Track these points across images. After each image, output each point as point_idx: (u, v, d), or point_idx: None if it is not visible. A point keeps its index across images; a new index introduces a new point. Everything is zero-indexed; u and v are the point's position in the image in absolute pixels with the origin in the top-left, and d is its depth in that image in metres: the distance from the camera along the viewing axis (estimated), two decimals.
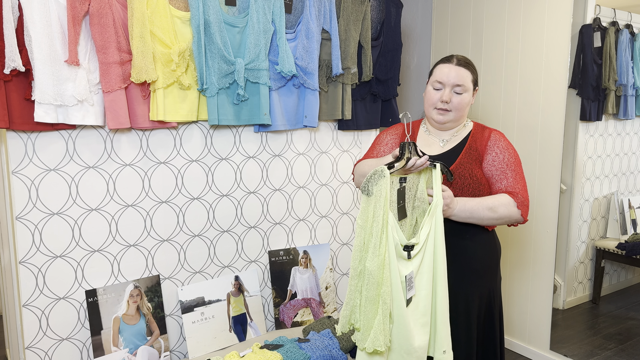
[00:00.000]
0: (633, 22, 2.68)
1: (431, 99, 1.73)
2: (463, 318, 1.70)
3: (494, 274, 1.78)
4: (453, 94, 1.69)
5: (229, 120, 2.17)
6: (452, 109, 1.70)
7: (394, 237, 1.47)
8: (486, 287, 1.75)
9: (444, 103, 1.69)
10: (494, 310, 1.78)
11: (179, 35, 2.02)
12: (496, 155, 1.70)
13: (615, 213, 2.83)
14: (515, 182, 1.68)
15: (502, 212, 1.63)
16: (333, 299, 2.56)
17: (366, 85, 2.55)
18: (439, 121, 1.74)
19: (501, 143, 1.72)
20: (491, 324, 1.78)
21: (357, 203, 2.70)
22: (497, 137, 1.74)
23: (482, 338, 1.77)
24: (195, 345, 2.14)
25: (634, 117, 2.75)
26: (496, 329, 1.79)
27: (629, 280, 3.00)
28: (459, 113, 1.72)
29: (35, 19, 1.71)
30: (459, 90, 1.68)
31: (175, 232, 2.18)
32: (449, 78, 1.68)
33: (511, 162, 1.70)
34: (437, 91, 1.71)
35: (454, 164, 1.70)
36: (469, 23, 3.07)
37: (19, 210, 1.85)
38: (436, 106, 1.72)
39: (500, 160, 1.70)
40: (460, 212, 1.62)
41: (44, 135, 1.86)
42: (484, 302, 1.75)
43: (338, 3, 2.39)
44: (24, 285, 1.88)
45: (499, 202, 1.64)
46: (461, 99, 1.69)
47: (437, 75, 1.71)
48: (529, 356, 2.84)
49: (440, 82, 1.69)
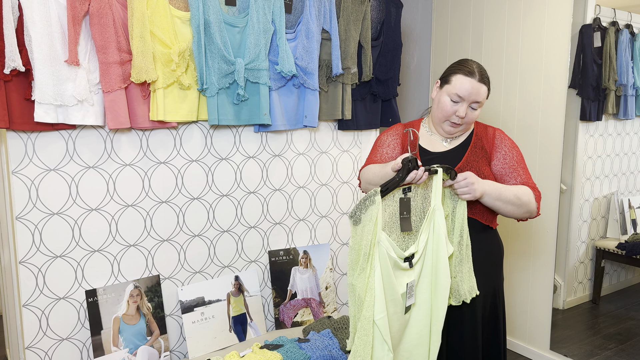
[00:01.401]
0: (633, 22, 2.68)
1: (446, 111, 1.68)
2: (468, 317, 1.70)
3: (498, 273, 1.79)
4: (469, 109, 1.67)
5: (229, 120, 2.17)
6: (464, 123, 1.70)
7: (390, 256, 1.44)
8: (491, 285, 1.75)
9: (460, 118, 1.68)
10: (498, 309, 1.78)
11: (179, 35, 2.02)
12: (506, 154, 1.73)
13: (615, 213, 2.83)
14: (527, 178, 1.71)
15: (524, 200, 1.64)
16: (333, 299, 2.56)
17: (366, 85, 2.55)
18: (449, 132, 1.73)
19: (507, 142, 1.75)
20: (496, 323, 1.78)
21: (356, 203, 2.70)
22: (502, 136, 1.77)
23: (487, 338, 1.77)
24: (195, 345, 2.14)
25: (634, 117, 2.75)
26: (500, 328, 1.79)
27: (629, 280, 3.00)
28: (469, 126, 1.75)
29: (35, 19, 1.71)
30: (475, 107, 1.68)
31: (175, 232, 2.18)
32: (471, 95, 1.64)
33: (520, 159, 1.74)
34: (454, 104, 1.67)
35: (461, 162, 1.70)
36: (469, 23, 3.07)
37: (19, 210, 1.85)
38: (451, 120, 1.69)
39: (511, 158, 1.72)
40: (490, 191, 1.59)
41: (44, 135, 1.86)
42: (488, 301, 1.75)
43: (338, 3, 2.39)
44: (24, 285, 1.87)
45: (521, 191, 1.65)
46: (475, 115, 1.70)
47: (457, 88, 1.65)
48: (529, 356, 2.84)
49: (460, 96, 1.65)
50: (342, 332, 2.18)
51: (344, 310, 2.72)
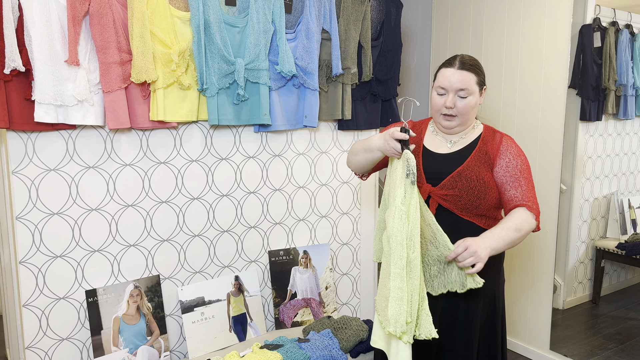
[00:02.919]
0: (633, 22, 2.68)
1: (436, 105, 1.70)
2: (462, 320, 1.70)
3: (496, 276, 1.77)
4: (457, 98, 1.65)
5: (229, 120, 2.17)
6: (457, 114, 1.67)
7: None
8: (490, 288, 1.73)
9: (449, 109, 1.67)
10: (496, 313, 1.76)
11: (179, 35, 2.02)
12: (509, 162, 1.67)
13: (615, 213, 2.83)
14: (528, 190, 1.66)
15: (526, 228, 1.63)
16: (333, 299, 2.56)
17: (366, 85, 2.55)
18: (445, 126, 1.72)
19: (513, 149, 1.69)
20: (492, 326, 1.77)
21: (357, 203, 2.70)
22: (510, 143, 1.71)
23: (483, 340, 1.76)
24: (195, 345, 2.14)
25: (633, 117, 2.74)
26: (497, 332, 1.77)
27: (629, 280, 3.00)
28: (465, 117, 1.69)
29: (35, 19, 1.71)
30: (463, 95, 1.65)
31: (175, 232, 2.18)
32: (452, 83, 1.64)
33: (524, 169, 1.68)
34: (440, 96, 1.68)
35: (462, 165, 1.68)
36: (469, 23, 3.07)
37: (19, 210, 1.85)
38: (441, 112, 1.69)
39: (514, 167, 1.67)
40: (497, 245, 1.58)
41: (44, 135, 1.86)
42: (486, 304, 1.74)
43: (338, 3, 2.39)
44: (24, 285, 1.88)
45: (520, 219, 1.62)
46: (466, 103, 1.66)
47: (439, 81, 1.67)
48: (529, 356, 2.84)
49: (443, 87, 1.66)
50: (342, 332, 2.18)
51: (344, 310, 2.72)
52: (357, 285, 2.75)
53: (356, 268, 2.74)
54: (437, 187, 1.67)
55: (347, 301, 2.73)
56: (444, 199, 1.66)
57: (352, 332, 2.18)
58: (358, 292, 2.76)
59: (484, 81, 1.71)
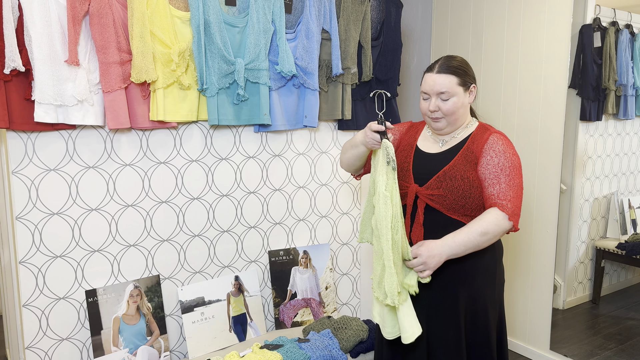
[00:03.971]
0: (633, 22, 2.68)
1: (422, 109, 1.77)
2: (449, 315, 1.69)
3: (490, 277, 1.75)
4: (440, 101, 1.69)
5: (229, 120, 2.17)
6: (443, 116, 1.71)
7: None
8: (480, 289, 1.72)
9: (433, 112, 1.72)
10: (488, 314, 1.73)
11: (179, 35, 2.02)
12: (490, 159, 1.65)
13: (615, 213, 2.83)
14: (508, 188, 1.63)
15: (493, 230, 1.61)
16: (333, 299, 2.56)
17: (366, 85, 2.55)
18: (435, 128, 1.76)
19: (498, 147, 1.66)
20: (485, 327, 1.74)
21: (357, 203, 2.70)
22: (496, 140, 1.67)
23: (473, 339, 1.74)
24: (195, 345, 2.14)
25: (634, 117, 2.75)
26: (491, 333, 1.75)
27: (629, 280, 3.00)
28: (452, 117, 1.71)
29: (35, 19, 1.71)
30: (444, 97, 1.68)
31: (175, 232, 2.18)
32: (432, 87, 1.69)
33: (506, 166, 1.64)
34: (425, 101, 1.74)
35: (448, 165, 1.69)
36: (469, 23, 3.07)
37: (19, 210, 1.85)
38: (428, 116, 1.75)
39: (495, 164, 1.64)
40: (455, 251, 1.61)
41: (44, 135, 1.86)
42: (477, 304, 1.72)
43: (338, 3, 2.39)
44: (24, 285, 1.88)
45: (487, 222, 1.61)
46: (450, 105, 1.69)
47: (422, 86, 1.74)
48: (529, 356, 2.84)
49: (425, 92, 1.72)
50: (342, 332, 2.18)
51: (344, 310, 2.72)
52: (357, 285, 2.75)
53: (356, 268, 2.74)
54: (424, 187, 1.69)
55: (347, 301, 2.73)
56: (430, 198, 1.67)
57: (352, 332, 2.18)
58: (358, 292, 2.76)
59: (468, 80, 1.71)
